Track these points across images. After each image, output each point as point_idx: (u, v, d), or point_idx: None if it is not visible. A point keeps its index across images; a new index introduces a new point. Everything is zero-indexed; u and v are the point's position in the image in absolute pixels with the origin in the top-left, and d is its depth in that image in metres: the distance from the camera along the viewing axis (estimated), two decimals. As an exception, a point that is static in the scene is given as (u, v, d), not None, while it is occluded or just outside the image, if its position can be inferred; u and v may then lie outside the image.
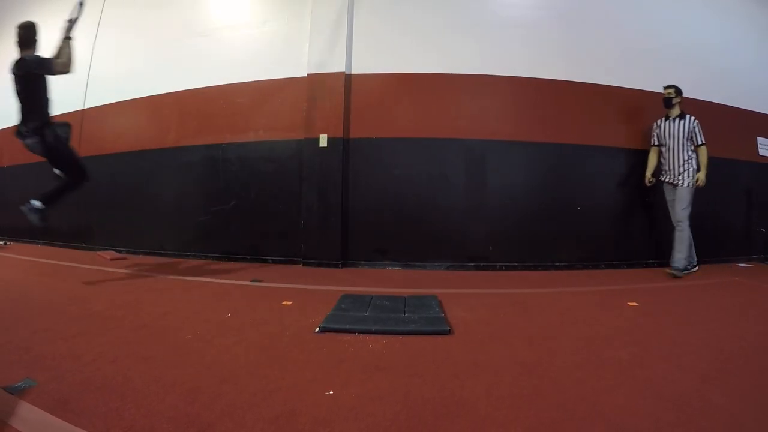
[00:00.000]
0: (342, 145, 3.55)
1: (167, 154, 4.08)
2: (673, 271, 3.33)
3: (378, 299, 2.27)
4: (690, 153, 3.46)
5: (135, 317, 1.96)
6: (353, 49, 3.66)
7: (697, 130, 3.43)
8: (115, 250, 4.26)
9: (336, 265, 3.51)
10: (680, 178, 3.46)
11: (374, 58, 3.64)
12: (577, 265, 3.59)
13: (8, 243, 5.11)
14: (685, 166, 3.45)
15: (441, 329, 1.80)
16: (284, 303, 2.26)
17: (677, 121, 3.48)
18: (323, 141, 3.56)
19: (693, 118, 3.44)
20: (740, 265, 4.04)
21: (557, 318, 2.11)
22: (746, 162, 4.24)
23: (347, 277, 3.17)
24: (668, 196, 3.58)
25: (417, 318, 1.93)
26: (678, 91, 3.48)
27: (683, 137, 3.45)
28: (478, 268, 3.53)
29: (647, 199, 3.81)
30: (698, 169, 3.43)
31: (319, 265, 3.52)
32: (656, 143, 3.63)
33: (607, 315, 2.17)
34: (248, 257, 3.75)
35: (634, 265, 3.72)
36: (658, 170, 3.62)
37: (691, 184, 3.41)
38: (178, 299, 2.40)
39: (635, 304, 2.37)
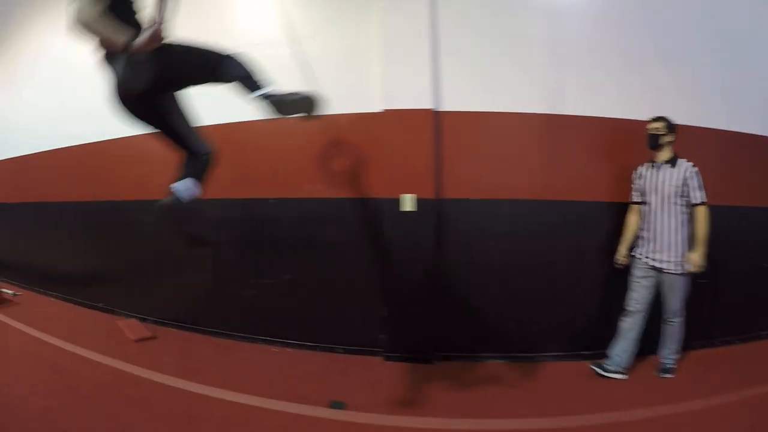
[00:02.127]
0: (432, 207, 2.73)
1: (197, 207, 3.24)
2: (664, 374, 2.52)
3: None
4: (683, 216, 2.42)
5: None
6: (441, 78, 2.75)
7: (695, 182, 2.37)
8: (139, 318, 3.53)
9: (427, 360, 2.79)
10: (668, 257, 2.39)
11: (472, 90, 2.76)
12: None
13: (18, 294, 4.30)
14: (675, 237, 2.39)
15: None
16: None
17: (666, 168, 2.44)
18: (408, 203, 2.73)
19: (691, 164, 2.40)
20: None
21: None
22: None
23: (451, 392, 2.44)
24: (638, 273, 2.51)
25: None
26: (670, 127, 2.43)
27: (673, 192, 2.39)
28: (595, 356, 2.81)
29: (765, 265, 3.00)
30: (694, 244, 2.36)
31: (406, 359, 2.79)
32: (638, 200, 2.59)
33: None
34: (310, 344, 3.01)
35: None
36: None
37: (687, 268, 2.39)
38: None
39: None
